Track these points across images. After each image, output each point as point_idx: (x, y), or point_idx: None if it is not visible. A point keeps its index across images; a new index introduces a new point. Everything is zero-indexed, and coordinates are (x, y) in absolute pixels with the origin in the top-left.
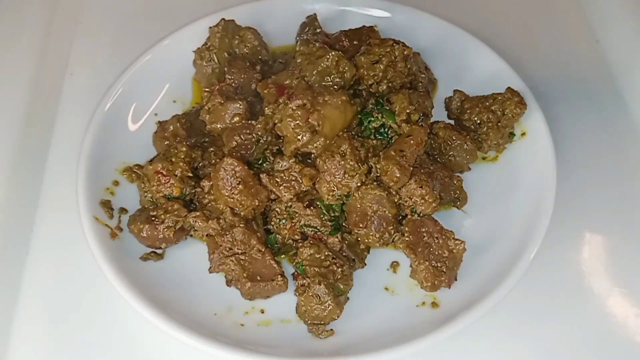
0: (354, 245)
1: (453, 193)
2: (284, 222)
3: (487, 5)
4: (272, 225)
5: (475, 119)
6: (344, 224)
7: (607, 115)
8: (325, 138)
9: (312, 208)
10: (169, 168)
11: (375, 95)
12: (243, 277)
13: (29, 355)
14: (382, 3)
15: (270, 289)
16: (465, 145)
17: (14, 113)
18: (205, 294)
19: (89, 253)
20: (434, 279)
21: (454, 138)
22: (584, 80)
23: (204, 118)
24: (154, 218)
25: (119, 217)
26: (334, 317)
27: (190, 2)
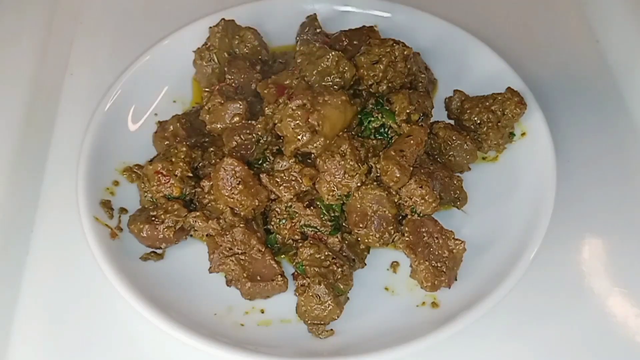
0: (354, 245)
1: (453, 193)
2: (284, 222)
3: (487, 5)
4: (272, 225)
5: (475, 119)
6: (344, 224)
7: (607, 115)
8: (325, 138)
9: (312, 208)
10: (169, 168)
11: (375, 95)
12: (243, 277)
13: (29, 355)
14: (382, 3)
15: (270, 289)
16: (465, 145)
17: (14, 113)
18: (205, 294)
19: (89, 253)
20: (434, 279)
21: (454, 138)
22: (584, 80)
23: (204, 118)
24: (154, 218)
25: (119, 217)
26: (334, 317)
27: (190, 2)
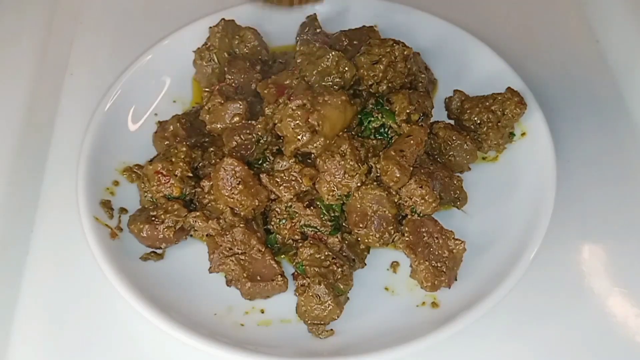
0: (354, 245)
1: (453, 193)
2: (284, 222)
3: (487, 5)
4: (272, 225)
5: (475, 119)
6: (344, 224)
7: (607, 115)
8: (325, 138)
9: (312, 208)
10: (169, 168)
11: (375, 96)
12: (243, 277)
13: (29, 355)
14: (382, 3)
15: (270, 289)
16: (465, 145)
17: (14, 113)
18: (205, 294)
19: (89, 253)
20: (434, 279)
21: (454, 138)
22: (584, 80)
23: (204, 118)
24: (154, 218)
25: (119, 217)
26: (334, 317)
27: (190, 2)
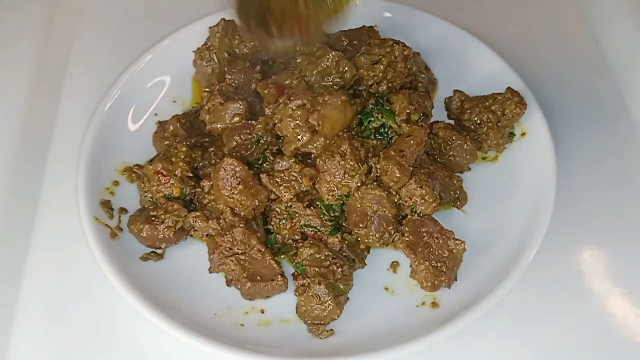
0: (354, 245)
1: (453, 193)
2: (284, 222)
3: (487, 5)
4: (272, 225)
5: (475, 119)
6: (344, 224)
7: (607, 115)
8: (325, 138)
9: (312, 208)
10: (169, 168)
11: (375, 96)
12: (243, 277)
13: (29, 355)
14: (382, 3)
15: (270, 289)
16: (465, 145)
17: (14, 113)
18: (205, 294)
19: (89, 253)
20: (434, 279)
21: (454, 138)
22: (584, 80)
23: (204, 118)
24: (154, 218)
25: (119, 217)
26: (334, 317)
27: (190, 2)
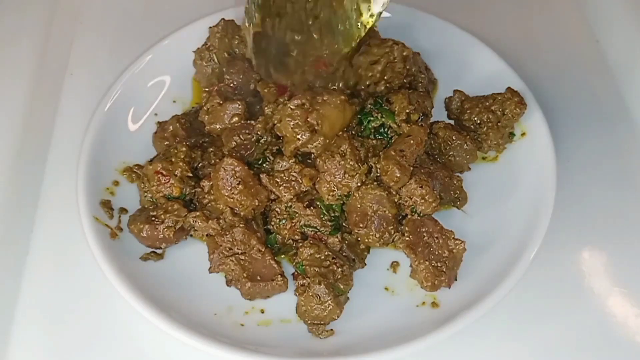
0: (354, 245)
1: (453, 193)
2: (284, 222)
3: (487, 6)
4: (272, 225)
5: (475, 119)
6: (344, 224)
7: (607, 115)
8: (325, 137)
9: (312, 208)
10: (169, 168)
11: (374, 96)
12: (243, 277)
13: (29, 355)
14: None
15: (270, 289)
16: (465, 145)
17: (14, 113)
18: (205, 294)
19: (89, 253)
20: (434, 279)
21: (454, 138)
22: (584, 80)
23: (203, 118)
24: (154, 218)
25: (119, 217)
26: (334, 317)
27: (190, 2)
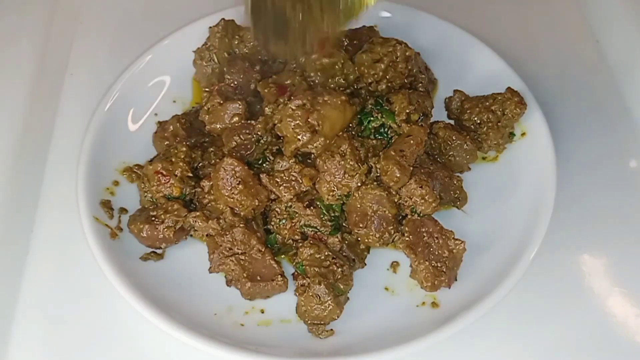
0: (354, 245)
1: (453, 193)
2: (284, 222)
3: (487, 6)
4: (272, 225)
5: (475, 119)
6: (344, 224)
7: (607, 115)
8: (325, 138)
9: (312, 208)
10: (169, 168)
11: (375, 95)
12: (243, 277)
13: (29, 355)
14: (382, 3)
15: (270, 289)
16: (465, 145)
17: (14, 113)
18: (205, 294)
19: (89, 253)
20: (434, 279)
21: (454, 138)
22: (584, 80)
23: (204, 118)
24: (154, 218)
25: (119, 217)
26: (334, 317)
27: (190, 2)
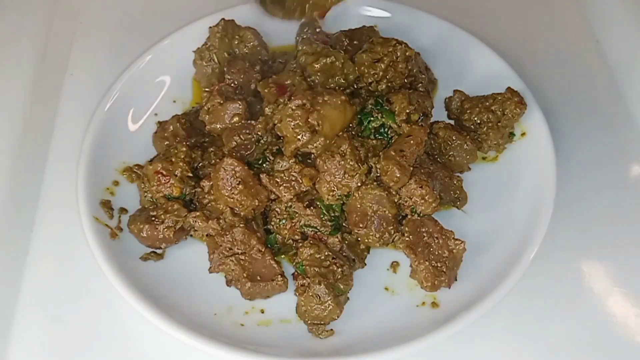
0: (354, 245)
1: (453, 193)
2: (284, 222)
3: (487, 5)
4: (272, 225)
5: (475, 119)
6: (344, 224)
7: (607, 115)
8: (325, 138)
9: (312, 208)
10: (169, 168)
11: (375, 95)
12: (243, 277)
13: (29, 355)
14: (382, 3)
15: (270, 289)
16: (465, 145)
17: (14, 113)
18: (205, 294)
19: (89, 253)
20: (434, 279)
21: (454, 138)
22: (584, 80)
23: (204, 118)
24: (154, 218)
25: (119, 217)
26: (334, 317)
27: (190, 2)
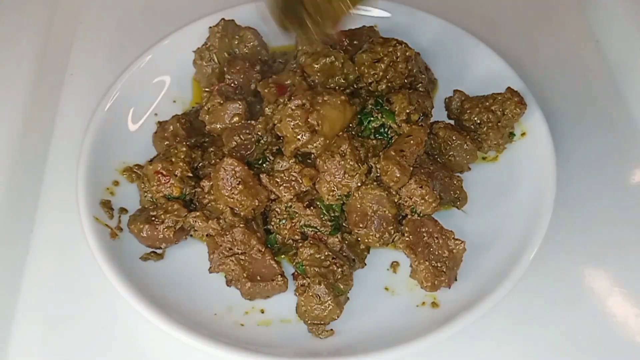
0: (354, 245)
1: (453, 193)
2: (284, 222)
3: (487, 6)
4: (272, 225)
5: (475, 119)
6: (344, 224)
7: (607, 115)
8: (325, 138)
9: (312, 208)
10: (169, 168)
11: (375, 95)
12: (243, 277)
13: (29, 355)
14: (382, 3)
15: (270, 289)
16: (465, 145)
17: (14, 113)
18: (205, 294)
19: (89, 253)
20: (434, 279)
21: (454, 138)
22: (584, 80)
23: (204, 118)
24: (154, 218)
25: (119, 217)
26: (334, 317)
27: (190, 2)
